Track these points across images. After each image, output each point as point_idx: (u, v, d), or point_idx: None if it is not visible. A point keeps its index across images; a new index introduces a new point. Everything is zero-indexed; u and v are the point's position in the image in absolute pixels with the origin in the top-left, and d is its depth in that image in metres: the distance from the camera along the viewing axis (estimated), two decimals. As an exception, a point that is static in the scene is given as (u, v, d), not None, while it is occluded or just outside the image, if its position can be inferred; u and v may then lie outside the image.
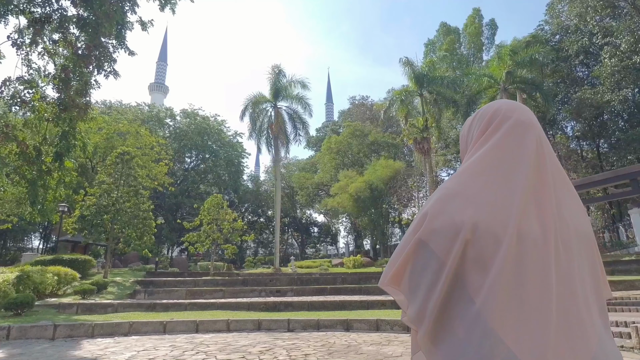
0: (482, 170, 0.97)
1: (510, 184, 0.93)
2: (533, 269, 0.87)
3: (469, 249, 0.89)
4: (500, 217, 0.89)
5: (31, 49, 10.82)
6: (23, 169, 12.75)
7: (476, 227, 0.89)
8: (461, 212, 0.91)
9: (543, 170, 0.96)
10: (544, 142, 1.01)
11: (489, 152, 0.99)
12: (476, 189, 0.94)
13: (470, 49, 31.71)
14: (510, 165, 0.96)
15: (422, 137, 24.64)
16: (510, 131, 1.00)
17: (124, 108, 34.99)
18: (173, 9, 14.50)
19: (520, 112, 1.04)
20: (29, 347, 8.08)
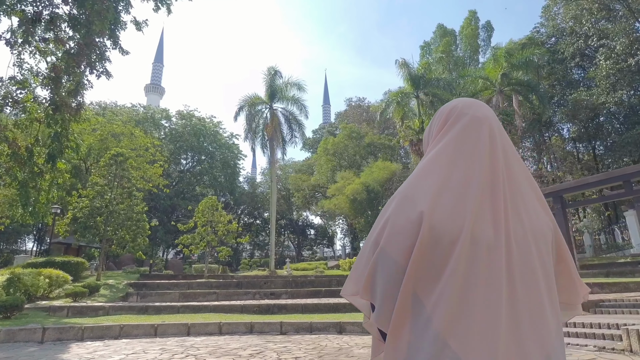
0: (439, 169, 0.97)
1: (465, 183, 0.93)
2: (485, 273, 0.86)
3: (424, 253, 0.88)
4: (455, 219, 0.89)
5: (23, 48, 10.72)
6: (15, 170, 12.61)
7: (431, 231, 0.88)
8: (417, 217, 0.91)
9: (497, 167, 0.95)
10: (500, 138, 1.00)
11: (445, 149, 1.00)
12: (432, 191, 0.94)
13: (467, 51, 31.76)
14: (466, 162, 0.96)
15: (418, 139, 24.60)
16: (465, 127, 1.01)
17: (119, 109, 34.83)
18: (168, 9, 14.44)
19: (476, 108, 1.04)
20: (16, 350, 7.96)
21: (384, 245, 0.94)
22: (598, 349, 6.05)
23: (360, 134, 36.95)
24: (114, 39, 13.04)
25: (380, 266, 0.94)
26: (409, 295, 0.88)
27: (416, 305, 0.87)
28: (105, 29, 11.70)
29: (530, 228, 0.95)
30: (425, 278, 0.88)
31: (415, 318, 0.87)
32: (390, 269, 0.92)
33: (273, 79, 24.88)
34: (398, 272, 0.91)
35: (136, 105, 37.85)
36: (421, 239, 0.88)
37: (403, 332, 0.88)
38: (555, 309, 0.93)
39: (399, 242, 0.92)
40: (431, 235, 0.88)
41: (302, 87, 25.67)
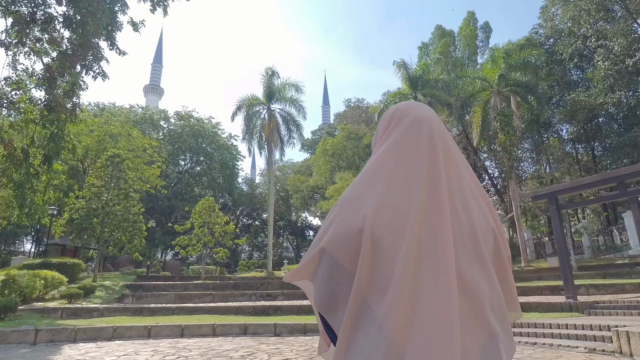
0: (381, 171, 0.98)
1: (408, 184, 0.94)
2: (433, 277, 0.85)
3: (369, 258, 0.88)
4: (398, 223, 0.89)
5: (17, 49, 10.72)
6: (11, 171, 12.60)
7: (374, 235, 0.88)
8: (360, 220, 0.90)
9: (439, 168, 0.96)
10: (441, 138, 1.01)
11: (388, 151, 1.01)
12: (375, 193, 0.94)
13: (465, 52, 31.73)
14: (408, 163, 0.97)
15: (416, 140, 24.58)
16: (407, 128, 1.02)
17: (117, 110, 34.81)
18: (165, 10, 14.44)
19: (418, 109, 1.06)
20: (8, 352, 7.93)
21: (325, 246, 0.94)
22: (589, 350, 6.02)
23: (359, 135, 36.89)
24: (111, 39, 13.03)
25: (323, 261, 0.95)
26: (358, 302, 0.87)
27: (366, 312, 0.86)
28: (100, 29, 11.69)
29: (474, 228, 0.95)
30: (374, 284, 0.87)
31: (366, 326, 0.85)
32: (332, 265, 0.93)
33: (270, 79, 24.88)
34: (339, 270, 0.91)
35: (134, 106, 37.90)
36: (364, 244, 0.88)
37: (353, 342, 0.86)
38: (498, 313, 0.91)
39: (342, 245, 0.92)
40: (374, 240, 0.88)
41: (300, 88, 25.68)
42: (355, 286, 0.87)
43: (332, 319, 0.95)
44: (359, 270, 0.88)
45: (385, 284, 0.85)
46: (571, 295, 10.01)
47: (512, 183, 23.55)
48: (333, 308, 0.94)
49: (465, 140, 32.11)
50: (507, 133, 22.88)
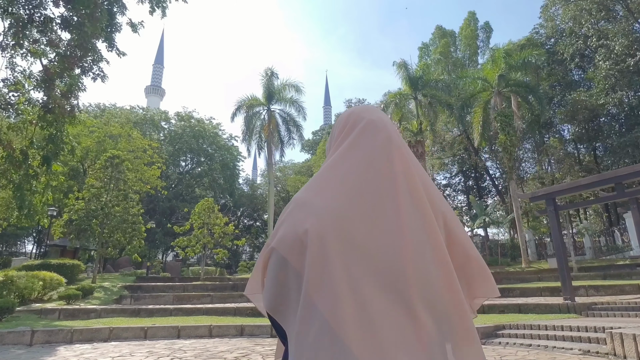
0: (334, 174, 0.98)
1: (359, 187, 0.94)
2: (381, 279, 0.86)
3: (315, 260, 0.88)
4: (346, 226, 0.89)
5: (15, 50, 10.75)
6: (10, 172, 12.62)
7: (320, 238, 0.88)
8: (305, 223, 0.91)
9: (394, 170, 0.96)
10: (396, 141, 1.02)
11: (342, 154, 1.01)
12: (324, 196, 0.94)
13: (466, 52, 31.66)
14: (361, 166, 0.97)
15: (416, 141, 24.55)
16: (361, 131, 1.02)
17: (118, 111, 34.86)
18: (164, 12, 14.46)
19: (372, 112, 1.08)
20: (4, 353, 7.95)
21: (275, 245, 0.95)
22: (583, 352, 5.98)
23: (360, 136, 36.85)
24: (110, 41, 13.06)
25: (273, 260, 0.96)
26: (307, 304, 0.87)
27: (315, 315, 0.86)
28: (98, 31, 11.70)
29: (426, 232, 0.95)
30: (321, 286, 0.87)
31: (314, 326, 0.85)
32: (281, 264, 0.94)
33: (270, 80, 24.90)
34: (288, 269, 0.92)
35: (135, 107, 37.95)
36: (311, 246, 0.88)
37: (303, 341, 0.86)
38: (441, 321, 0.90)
39: (291, 246, 0.92)
40: (320, 242, 0.88)
41: (300, 89, 25.69)
42: (304, 288, 0.88)
43: (283, 319, 0.95)
44: (307, 273, 0.88)
45: (332, 286, 0.86)
46: (569, 297, 9.95)
47: (513, 184, 23.49)
48: (283, 308, 0.94)
49: (467, 141, 32.05)
50: (507, 133, 22.82)
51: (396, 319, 0.85)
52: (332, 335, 0.82)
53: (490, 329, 8.25)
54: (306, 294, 0.88)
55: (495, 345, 7.45)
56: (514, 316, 9.82)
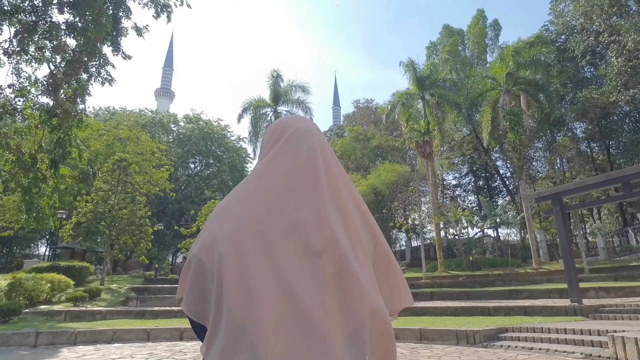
0: (258, 181, 1.00)
1: (282, 194, 0.95)
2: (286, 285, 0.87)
3: (230, 266, 0.88)
4: (264, 231, 0.90)
5: (20, 57, 10.93)
6: (19, 176, 12.83)
7: (232, 243, 0.89)
8: (224, 229, 0.92)
9: (317, 178, 0.98)
10: (321, 150, 1.03)
11: (268, 162, 1.03)
12: (245, 203, 0.95)
13: (474, 51, 31.30)
14: (285, 174, 0.99)
15: (424, 141, 24.34)
16: (288, 140, 1.04)
17: (128, 114, 35.30)
18: (168, 17, 14.60)
19: (299, 121, 1.10)
20: (8, 354, 8.07)
21: (195, 252, 0.96)
22: (585, 356, 5.82)
23: (368, 136, 36.72)
24: (115, 45, 13.22)
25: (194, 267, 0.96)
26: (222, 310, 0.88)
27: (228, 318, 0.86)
28: (103, 35, 11.83)
29: (349, 239, 0.95)
30: (235, 290, 0.87)
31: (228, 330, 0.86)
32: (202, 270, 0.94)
33: (276, 81, 24.95)
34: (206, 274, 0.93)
35: (144, 110, 38.35)
36: (226, 252, 0.89)
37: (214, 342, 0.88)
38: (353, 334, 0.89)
39: (210, 252, 0.93)
40: (235, 248, 0.89)
41: (306, 89, 25.70)
42: (219, 293, 0.89)
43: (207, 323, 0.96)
44: (223, 278, 0.89)
45: (246, 290, 0.86)
46: (576, 299, 9.74)
47: (523, 183, 23.14)
48: (205, 314, 0.95)
49: (476, 141, 31.69)
50: (516, 132, 22.49)
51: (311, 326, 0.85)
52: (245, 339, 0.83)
53: (492, 332, 8.11)
54: (219, 299, 0.88)
55: (496, 348, 7.31)
56: (518, 319, 9.64)
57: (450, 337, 8.25)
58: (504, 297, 13.83)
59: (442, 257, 22.82)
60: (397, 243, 37.97)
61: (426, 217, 28.90)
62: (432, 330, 8.68)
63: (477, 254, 25.04)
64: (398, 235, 37.10)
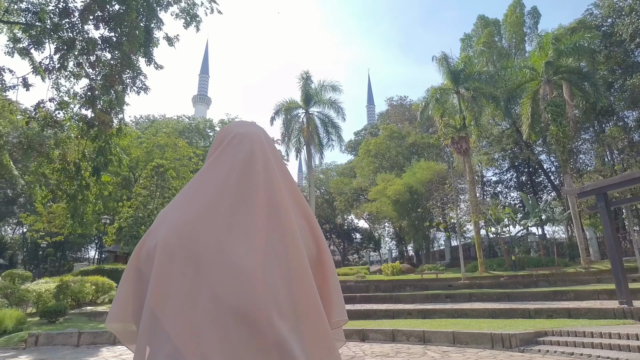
0: (193, 188, 1.01)
1: (213, 199, 0.96)
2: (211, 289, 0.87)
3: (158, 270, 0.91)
4: (191, 237, 0.91)
5: (60, 73, 11.58)
6: (65, 184, 13.59)
7: (163, 248, 0.91)
8: (158, 235, 0.94)
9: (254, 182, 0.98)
10: (262, 153, 1.03)
11: (207, 168, 1.04)
12: (178, 210, 0.98)
13: (511, 41, 29.99)
14: (219, 179, 0.99)
15: (460, 137, 23.57)
16: (227, 145, 1.05)
17: (166, 121, 36.68)
18: (197, 26, 15.01)
19: (242, 126, 1.11)
20: (53, 353, 8.53)
21: (133, 259, 1.00)
22: (630, 365, 5.37)
23: (402, 134, 36.07)
24: (148, 56, 13.73)
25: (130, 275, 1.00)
26: (149, 314, 0.90)
27: (155, 324, 0.89)
28: (135, 48, 12.33)
29: (284, 244, 0.95)
30: (161, 295, 0.89)
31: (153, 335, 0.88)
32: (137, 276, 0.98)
33: (307, 82, 25.04)
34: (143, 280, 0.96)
35: (182, 116, 39.67)
36: (156, 259, 0.91)
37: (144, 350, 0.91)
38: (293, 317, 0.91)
39: (148, 260, 0.96)
40: (165, 253, 0.91)
41: (338, 88, 25.62)
42: (148, 296, 0.91)
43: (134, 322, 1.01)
44: (151, 285, 0.91)
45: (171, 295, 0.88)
46: (625, 301, 9.05)
47: (568, 178, 21.86)
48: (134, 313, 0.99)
49: (516, 135, 30.33)
50: (559, 124, 21.30)
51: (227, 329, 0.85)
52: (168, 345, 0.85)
53: (530, 336, 7.68)
54: (147, 304, 0.90)
55: (533, 353, 6.90)
56: (561, 321, 9.09)
57: (485, 340, 7.89)
58: (548, 298, 13.12)
59: (482, 257, 21.98)
60: (435, 242, 37.05)
61: (465, 216, 28.00)
62: (465, 334, 8.34)
63: (521, 253, 23.93)
64: (436, 234, 36.19)
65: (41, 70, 11.29)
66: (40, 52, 11.76)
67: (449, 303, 14.08)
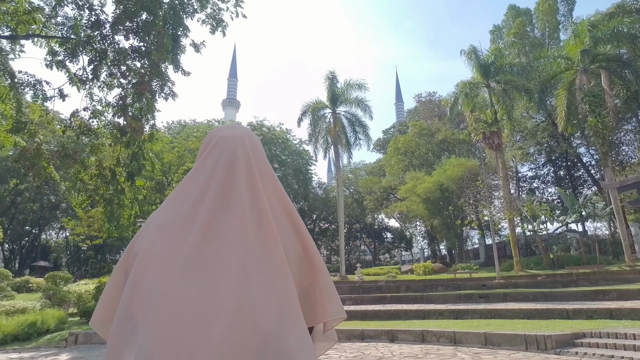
0: (178, 193, 1.03)
1: (195, 203, 0.97)
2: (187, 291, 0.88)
3: (135, 273, 0.92)
4: (169, 240, 0.93)
5: (93, 83, 12.08)
6: (101, 189, 14.17)
7: (144, 251, 0.93)
8: (140, 241, 0.97)
9: (230, 187, 0.98)
10: (244, 157, 1.03)
11: (189, 174, 1.06)
12: (163, 213, 1.00)
13: (544, 30, 28.80)
14: (200, 184, 1.00)
15: (491, 132, 22.88)
16: (211, 150, 1.06)
17: (197, 126, 37.61)
18: (223, 32, 15.28)
19: (226, 130, 1.10)
20: (90, 351, 8.91)
21: (122, 261, 1.01)
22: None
23: (432, 131, 35.38)
24: (175, 63, 14.10)
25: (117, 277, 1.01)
26: (123, 315, 0.91)
27: (129, 324, 0.90)
28: (164, 57, 12.71)
29: (265, 247, 0.95)
30: (138, 298, 0.90)
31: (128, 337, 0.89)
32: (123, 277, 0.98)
33: (333, 82, 24.98)
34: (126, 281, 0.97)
35: (212, 120, 40.51)
36: (135, 264, 0.93)
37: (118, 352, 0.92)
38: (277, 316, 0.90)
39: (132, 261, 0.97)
40: (142, 257, 0.92)
41: (364, 87, 25.40)
42: (123, 298, 0.92)
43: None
44: (126, 288, 0.92)
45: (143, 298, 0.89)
46: (673, 300, 8.48)
47: (609, 171, 20.76)
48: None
49: (552, 127, 29.13)
50: (598, 115, 20.28)
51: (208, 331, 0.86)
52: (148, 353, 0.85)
53: (567, 337, 7.33)
54: (122, 303, 0.92)
55: (570, 355, 6.59)
56: (601, 322, 8.63)
57: (518, 342, 7.60)
58: (588, 298, 12.51)
59: (518, 255, 21.24)
60: (468, 241, 36.14)
61: (499, 213, 27.13)
62: (498, 335, 8.07)
63: (559, 251, 22.96)
64: (469, 233, 35.28)
65: (77, 80, 11.81)
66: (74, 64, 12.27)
67: (482, 303, 13.68)
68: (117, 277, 1.02)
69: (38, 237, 42.67)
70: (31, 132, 11.29)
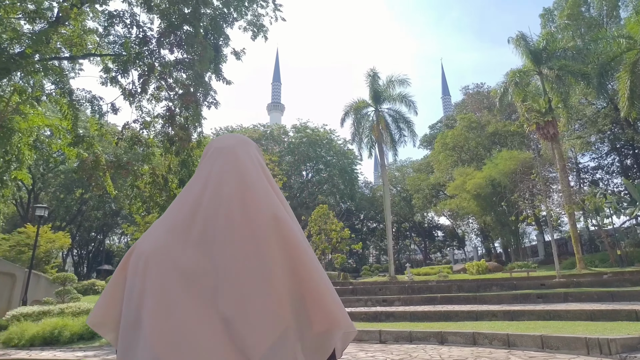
0: (175, 203, 1.07)
1: (188, 213, 1.00)
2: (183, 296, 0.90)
3: (132, 277, 0.96)
4: (164, 248, 0.95)
5: (142, 96, 12.78)
6: (156, 195, 14.95)
7: (138, 259, 0.96)
8: (141, 246, 1.00)
9: (221, 196, 1.00)
10: (236, 165, 1.05)
11: (187, 185, 1.09)
12: (161, 222, 1.03)
13: (602, 9, 26.73)
14: (193, 194, 1.03)
15: (545, 121, 21.60)
16: (206, 160, 1.09)
17: (243, 130, 38.66)
18: (265, 36, 15.61)
19: (221, 140, 1.13)
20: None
21: (122, 266, 1.04)
22: None
23: (481, 124, 33.98)
24: (217, 72, 14.59)
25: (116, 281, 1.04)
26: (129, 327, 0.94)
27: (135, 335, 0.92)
28: (206, 68, 13.21)
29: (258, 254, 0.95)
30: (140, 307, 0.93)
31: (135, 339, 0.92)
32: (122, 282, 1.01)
33: (374, 80, 24.71)
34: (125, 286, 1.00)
35: (257, 125, 41.59)
36: (131, 265, 0.98)
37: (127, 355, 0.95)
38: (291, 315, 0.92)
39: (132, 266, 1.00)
40: (137, 261, 0.96)
41: (406, 82, 24.92)
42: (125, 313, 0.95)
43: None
44: (127, 291, 0.96)
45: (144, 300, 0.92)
46: None
47: (683, 157, 18.88)
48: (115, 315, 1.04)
49: (614, 113, 26.97)
50: (666, 99, 18.54)
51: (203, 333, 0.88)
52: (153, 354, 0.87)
53: (634, 341, 6.72)
54: (126, 313, 0.95)
55: (638, 361, 6.04)
56: (676, 325, 7.84)
57: (579, 345, 7.09)
58: (662, 297, 11.44)
59: (580, 252, 19.87)
60: (525, 238, 34.30)
61: (557, 207, 25.52)
62: (556, 338, 7.58)
63: (628, 246, 21.21)
64: (526, 229, 33.49)
65: (128, 94, 12.54)
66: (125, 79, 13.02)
67: (540, 304, 12.92)
68: (116, 281, 1.05)
69: (102, 243, 45.86)
70: (89, 144, 12.11)
